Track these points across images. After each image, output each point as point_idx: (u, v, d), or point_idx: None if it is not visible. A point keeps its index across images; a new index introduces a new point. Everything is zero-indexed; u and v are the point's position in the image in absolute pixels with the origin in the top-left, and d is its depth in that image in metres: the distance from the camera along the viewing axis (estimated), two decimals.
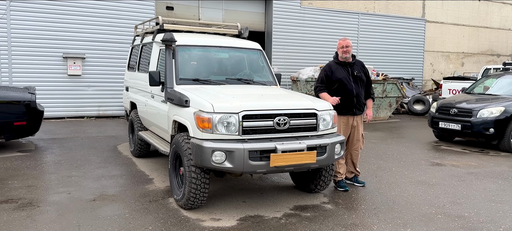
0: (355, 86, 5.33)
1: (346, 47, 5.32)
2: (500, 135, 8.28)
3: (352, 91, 5.29)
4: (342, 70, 5.34)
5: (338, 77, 5.29)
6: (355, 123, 5.41)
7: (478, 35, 19.71)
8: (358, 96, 5.35)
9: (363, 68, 5.50)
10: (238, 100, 4.39)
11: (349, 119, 5.36)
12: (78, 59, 11.92)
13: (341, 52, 5.34)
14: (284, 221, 4.33)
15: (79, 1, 11.87)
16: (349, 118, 5.36)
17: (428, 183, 5.91)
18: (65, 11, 11.74)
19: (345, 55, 5.32)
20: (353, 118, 5.38)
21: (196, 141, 4.20)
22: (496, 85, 9.80)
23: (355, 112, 5.35)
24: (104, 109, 12.48)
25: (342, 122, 5.34)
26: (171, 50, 5.43)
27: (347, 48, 5.31)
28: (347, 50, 5.31)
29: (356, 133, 5.46)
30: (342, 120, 5.34)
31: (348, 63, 5.38)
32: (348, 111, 5.32)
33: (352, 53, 5.44)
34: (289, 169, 4.39)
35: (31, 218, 4.27)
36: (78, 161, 6.78)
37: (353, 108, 5.32)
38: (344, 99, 5.24)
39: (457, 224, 4.34)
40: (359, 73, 5.40)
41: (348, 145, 5.49)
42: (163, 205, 4.71)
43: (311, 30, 15.35)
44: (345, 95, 5.26)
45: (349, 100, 5.29)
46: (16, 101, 7.18)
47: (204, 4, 14.01)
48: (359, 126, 5.46)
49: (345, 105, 5.28)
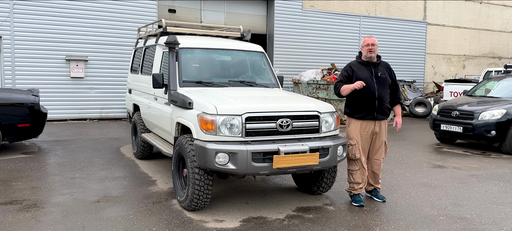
0: (378, 88, 4.81)
1: (371, 46, 4.81)
2: (502, 137, 8.30)
3: (373, 92, 4.77)
4: (364, 70, 4.85)
5: (360, 78, 4.77)
6: (377, 129, 4.88)
7: (480, 38, 19.73)
8: (380, 99, 4.82)
9: (388, 70, 5.01)
10: (241, 103, 4.43)
11: (369, 124, 4.86)
12: (80, 62, 11.98)
13: (366, 50, 4.84)
14: (286, 222, 4.35)
15: (82, 4, 11.94)
16: (369, 123, 4.85)
17: (430, 185, 5.93)
18: (68, 13, 11.81)
19: (370, 54, 4.82)
20: (374, 123, 4.86)
21: (200, 143, 4.24)
22: (497, 87, 9.82)
23: (376, 116, 4.83)
24: (106, 112, 12.53)
25: (361, 126, 4.85)
26: (175, 53, 5.47)
27: (373, 46, 4.81)
28: (373, 49, 4.81)
29: (378, 140, 4.94)
30: (361, 124, 4.85)
31: (372, 64, 4.89)
32: (368, 115, 4.81)
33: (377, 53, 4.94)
34: (292, 170, 4.41)
35: (36, 219, 4.30)
36: (82, 163, 6.81)
37: (374, 112, 4.80)
38: (365, 102, 4.78)
39: (459, 226, 4.36)
40: (383, 74, 4.89)
41: (368, 154, 5.02)
42: (166, 207, 4.74)
43: (313, 33, 15.39)
44: (366, 97, 4.77)
45: (370, 103, 4.79)
46: (20, 103, 7.23)
47: (206, 7, 14.07)
48: (382, 133, 4.94)
49: (365, 109, 4.80)
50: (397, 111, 5.17)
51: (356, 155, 4.85)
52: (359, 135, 4.85)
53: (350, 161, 4.96)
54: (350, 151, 4.86)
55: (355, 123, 4.87)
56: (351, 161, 4.95)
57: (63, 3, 11.72)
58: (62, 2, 11.70)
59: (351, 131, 4.91)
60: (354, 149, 4.85)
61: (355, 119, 4.87)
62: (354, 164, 4.94)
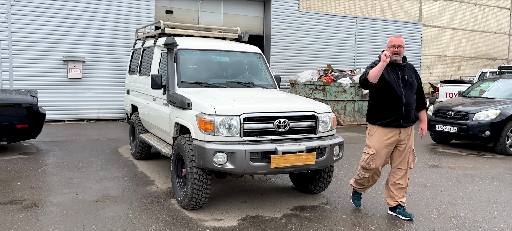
0: (405, 92, 4.39)
1: (398, 47, 4.35)
2: (496, 138, 8.40)
3: (400, 98, 4.36)
4: (390, 72, 4.38)
5: (387, 81, 4.34)
6: (403, 137, 4.46)
7: (475, 39, 19.90)
8: (407, 105, 4.40)
9: (414, 73, 4.58)
10: (239, 103, 4.49)
11: (393, 132, 4.42)
12: (78, 63, 12.01)
13: (391, 51, 4.35)
14: (284, 221, 4.42)
15: (80, 5, 11.97)
16: (393, 130, 4.42)
17: (425, 185, 6.01)
18: (66, 14, 11.83)
19: (396, 57, 4.36)
20: (399, 131, 4.43)
21: (198, 143, 4.30)
22: (492, 88, 9.93)
23: (402, 124, 4.41)
24: (104, 112, 12.56)
25: (383, 134, 4.43)
26: (173, 54, 5.53)
27: (399, 48, 4.35)
28: (399, 51, 4.35)
29: (402, 148, 4.51)
30: (384, 132, 4.42)
31: (397, 65, 4.44)
32: (394, 122, 4.39)
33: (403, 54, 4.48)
34: (289, 170, 4.48)
35: (36, 218, 4.35)
36: (80, 163, 6.85)
37: (400, 119, 4.39)
38: (390, 108, 4.37)
39: (453, 224, 4.44)
40: (410, 78, 4.47)
41: (391, 163, 4.63)
42: (165, 206, 4.80)
43: (309, 34, 15.49)
44: (392, 102, 4.37)
45: (397, 109, 4.37)
46: (18, 104, 7.26)
47: (203, 8, 14.13)
48: (408, 140, 4.52)
49: (390, 115, 4.38)
50: (423, 117, 4.76)
51: (371, 165, 4.48)
52: (379, 143, 4.44)
53: (363, 168, 4.60)
54: (364, 159, 4.53)
55: (378, 130, 4.46)
56: (362, 168, 4.60)
57: (60, 4, 11.75)
58: (59, 3, 11.73)
59: (372, 138, 4.49)
60: (370, 159, 4.48)
61: (378, 126, 4.46)
62: (365, 171, 4.60)
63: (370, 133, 4.54)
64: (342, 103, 12.65)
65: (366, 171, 4.58)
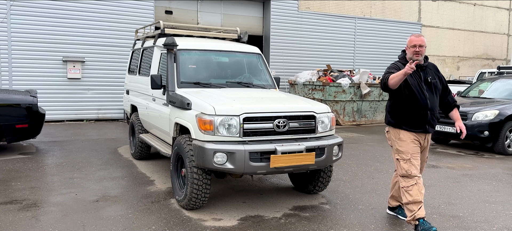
0: (430, 96, 4.13)
1: (419, 47, 4.04)
2: (495, 138, 8.43)
3: (425, 103, 4.08)
4: (412, 74, 4.08)
5: (410, 84, 4.05)
6: (425, 143, 4.28)
7: (474, 40, 19.94)
8: (432, 109, 4.15)
9: (437, 73, 4.30)
10: (239, 103, 4.51)
11: (419, 137, 4.21)
12: (77, 63, 12.02)
13: (411, 52, 4.07)
14: (283, 220, 4.43)
15: (79, 5, 11.97)
16: (419, 136, 4.20)
17: (424, 184, 6.01)
18: (65, 15, 11.84)
19: (417, 57, 4.04)
20: (424, 136, 4.23)
21: (198, 143, 4.32)
22: (490, 88, 9.96)
23: (427, 129, 4.18)
24: (103, 113, 12.57)
25: (413, 138, 4.18)
26: (173, 54, 5.55)
27: (420, 48, 4.04)
28: (421, 52, 4.05)
29: (423, 154, 4.36)
30: (412, 136, 4.17)
31: (419, 66, 4.12)
32: (419, 127, 4.15)
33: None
34: (289, 170, 4.50)
35: (36, 218, 4.36)
36: (80, 163, 6.86)
37: (425, 125, 4.15)
38: (415, 113, 4.11)
39: (452, 224, 4.46)
40: (433, 79, 4.20)
41: None
42: (165, 206, 4.81)
43: (309, 34, 15.51)
44: (416, 107, 4.09)
45: (421, 114, 4.11)
46: (18, 104, 7.27)
47: (203, 8, 14.14)
48: (428, 146, 4.35)
49: (415, 120, 4.12)
50: (457, 115, 4.42)
51: (413, 171, 4.09)
52: (411, 147, 4.15)
53: (403, 177, 4.16)
54: (404, 167, 4.13)
55: (407, 134, 4.17)
56: (404, 177, 4.15)
57: (60, 4, 11.75)
58: (59, 3, 11.73)
59: (403, 143, 4.17)
60: (409, 165, 4.11)
61: (405, 131, 4.18)
62: (409, 180, 4.12)
63: (399, 138, 4.20)
64: (341, 104, 12.67)
65: (410, 178, 4.10)
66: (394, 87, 3.97)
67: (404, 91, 4.09)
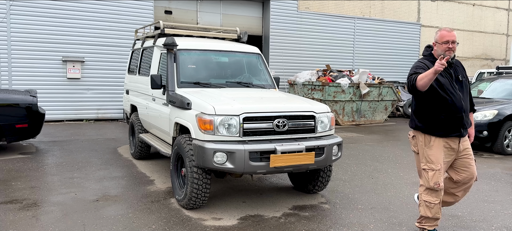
0: (463, 96, 3.76)
1: (452, 44, 3.65)
2: (494, 138, 8.45)
3: (459, 104, 3.69)
4: (443, 73, 3.70)
5: (441, 84, 3.67)
6: (462, 146, 3.80)
7: (473, 40, 19.97)
8: (466, 111, 3.78)
9: (463, 71, 3.92)
10: (238, 103, 4.52)
11: (452, 142, 3.76)
12: (77, 63, 12.03)
13: (443, 49, 3.66)
14: (283, 220, 4.45)
15: (79, 5, 11.98)
16: (453, 141, 3.76)
17: None
18: (65, 14, 11.85)
19: (449, 54, 3.63)
20: (458, 141, 3.77)
21: (198, 142, 4.33)
22: (489, 88, 9.99)
23: (462, 133, 3.75)
24: (103, 112, 12.58)
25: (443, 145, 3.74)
26: (173, 54, 5.56)
27: (453, 44, 3.65)
28: (453, 48, 3.66)
29: (467, 159, 3.83)
30: (442, 143, 3.74)
31: (449, 64, 3.67)
32: (454, 131, 3.72)
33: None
34: (288, 169, 4.51)
35: (37, 217, 4.37)
36: (80, 163, 6.87)
37: (460, 128, 3.73)
38: (448, 115, 3.68)
39: (451, 223, 4.48)
40: (463, 77, 3.84)
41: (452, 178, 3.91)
42: (165, 205, 4.83)
43: (308, 34, 15.53)
44: (449, 109, 3.67)
45: (456, 117, 3.69)
46: (18, 104, 7.27)
47: (202, 8, 14.15)
48: (469, 148, 3.87)
49: (449, 124, 3.70)
50: (471, 120, 4.08)
51: (440, 184, 3.71)
52: (443, 156, 3.73)
53: (428, 190, 3.78)
54: (430, 178, 3.72)
55: (438, 141, 3.73)
56: (429, 191, 3.77)
57: (59, 4, 11.76)
58: (58, 3, 11.74)
59: (434, 152, 3.73)
60: (437, 176, 3.70)
61: (436, 137, 3.74)
62: (433, 195, 3.76)
63: (429, 145, 3.76)
64: (341, 104, 12.68)
65: (435, 194, 3.76)
66: (424, 88, 3.55)
67: (435, 92, 3.65)
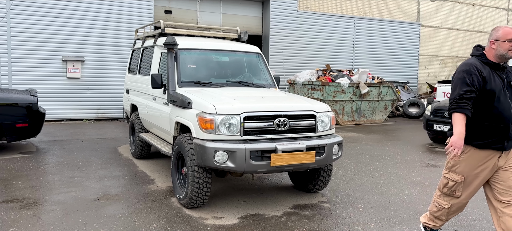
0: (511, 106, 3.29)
1: None
2: None
3: (509, 114, 3.24)
4: (495, 77, 3.28)
5: (492, 89, 3.22)
6: (502, 162, 3.33)
7: (472, 39, 19.98)
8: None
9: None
10: (239, 102, 4.53)
11: (492, 156, 3.30)
12: (77, 62, 12.02)
13: (506, 48, 3.23)
14: (284, 219, 4.46)
15: (79, 4, 11.98)
16: (492, 154, 3.30)
17: (423, 184, 6.06)
18: (65, 14, 11.84)
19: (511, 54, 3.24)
20: (499, 154, 3.30)
21: (199, 141, 4.34)
22: None
23: (506, 146, 3.28)
24: (103, 112, 12.58)
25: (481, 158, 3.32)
26: (173, 54, 5.57)
27: None
28: None
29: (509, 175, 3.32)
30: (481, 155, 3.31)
31: (501, 67, 3.33)
32: (495, 143, 3.27)
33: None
34: (289, 168, 4.52)
35: (37, 217, 4.38)
36: (80, 162, 6.88)
37: (504, 140, 3.26)
38: (492, 125, 3.25)
39: (451, 222, 4.49)
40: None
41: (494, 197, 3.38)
42: (165, 204, 4.83)
43: (308, 34, 15.53)
44: (496, 119, 3.24)
45: (502, 128, 3.24)
46: (18, 103, 7.28)
47: (202, 8, 14.16)
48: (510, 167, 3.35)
49: (492, 134, 3.26)
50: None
51: (457, 193, 3.46)
52: (473, 170, 3.35)
53: (443, 195, 3.58)
54: (449, 187, 3.48)
55: (473, 152, 3.33)
56: (444, 195, 3.57)
57: (59, 4, 11.75)
58: (58, 3, 11.74)
59: (463, 163, 3.37)
60: (456, 187, 3.44)
61: (473, 147, 3.32)
62: (447, 199, 3.55)
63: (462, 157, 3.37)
64: (341, 103, 12.70)
65: (449, 199, 3.54)
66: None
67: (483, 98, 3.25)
